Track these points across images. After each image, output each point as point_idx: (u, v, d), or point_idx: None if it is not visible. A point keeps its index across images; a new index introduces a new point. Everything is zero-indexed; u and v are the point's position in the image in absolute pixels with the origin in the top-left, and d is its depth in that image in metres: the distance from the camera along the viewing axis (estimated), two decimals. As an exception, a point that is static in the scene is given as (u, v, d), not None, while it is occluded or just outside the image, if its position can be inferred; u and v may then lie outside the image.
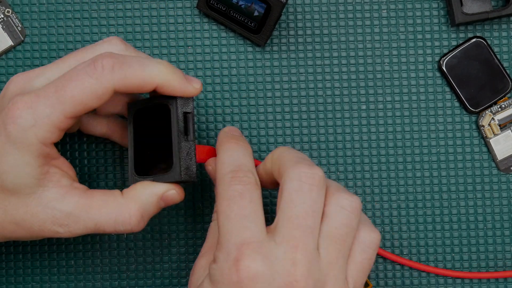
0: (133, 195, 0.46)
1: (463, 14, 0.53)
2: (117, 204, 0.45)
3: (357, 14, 0.54)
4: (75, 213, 0.45)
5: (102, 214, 0.45)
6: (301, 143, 0.54)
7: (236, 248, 0.42)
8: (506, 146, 0.54)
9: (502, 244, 0.54)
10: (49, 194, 0.45)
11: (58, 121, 0.43)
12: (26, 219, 0.45)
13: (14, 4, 0.54)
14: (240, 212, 0.43)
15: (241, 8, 0.52)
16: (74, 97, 0.43)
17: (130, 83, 0.44)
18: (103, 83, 0.44)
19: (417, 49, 0.54)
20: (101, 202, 0.45)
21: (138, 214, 0.46)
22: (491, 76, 0.54)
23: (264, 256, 0.42)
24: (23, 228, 0.45)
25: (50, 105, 0.43)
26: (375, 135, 0.54)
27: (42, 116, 0.43)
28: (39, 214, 0.45)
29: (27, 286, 0.54)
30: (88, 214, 0.45)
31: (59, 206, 0.45)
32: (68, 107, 0.43)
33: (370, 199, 0.54)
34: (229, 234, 0.42)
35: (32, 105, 0.43)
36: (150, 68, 0.45)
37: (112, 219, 0.45)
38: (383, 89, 0.54)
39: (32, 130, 0.43)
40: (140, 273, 0.54)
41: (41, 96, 0.43)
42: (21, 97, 0.44)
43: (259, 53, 0.54)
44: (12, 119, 0.43)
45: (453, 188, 0.54)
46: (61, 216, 0.45)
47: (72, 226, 0.45)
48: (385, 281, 0.54)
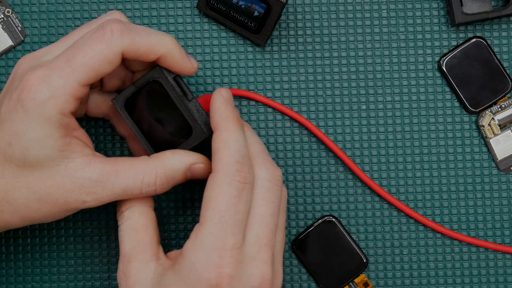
0: (162, 159, 0.46)
1: (463, 14, 0.53)
2: (144, 166, 0.46)
3: (357, 14, 0.54)
4: (103, 178, 0.45)
5: (130, 176, 0.45)
6: (301, 143, 0.54)
7: (219, 255, 0.43)
8: (506, 146, 0.54)
9: (502, 244, 0.54)
10: (74, 165, 0.45)
11: (73, 90, 0.44)
12: (52, 192, 0.44)
13: (14, 4, 0.54)
14: (233, 217, 0.43)
15: (241, 8, 0.52)
16: (86, 64, 0.44)
17: (138, 49, 0.45)
18: (113, 48, 0.44)
19: (417, 49, 0.54)
20: (128, 166, 0.45)
21: (164, 176, 0.46)
22: (491, 76, 0.54)
23: (240, 261, 0.43)
24: (48, 203, 0.45)
25: (63, 75, 0.44)
26: (375, 135, 0.54)
27: (57, 86, 0.44)
28: (65, 184, 0.44)
29: (27, 286, 0.54)
30: (117, 178, 0.45)
31: (85, 174, 0.45)
32: (81, 74, 0.44)
33: (370, 199, 0.54)
34: (216, 236, 0.43)
35: (46, 78, 0.44)
36: (157, 38, 0.46)
37: (140, 180, 0.45)
38: (383, 89, 0.54)
39: (50, 102, 0.43)
40: (140, 273, 0.54)
41: (53, 68, 0.44)
42: (32, 72, 0.44)
43: (259, 53, 0.54)
44: (29, 94, 0.43)
45: (453, 188, 0.54)
46: (89, 184, 0.45)
47: (100, 192, 0.45)
48: (385, 281, 0.54)
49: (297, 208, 0.54)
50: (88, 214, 0.54)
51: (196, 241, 0.43)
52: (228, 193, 0.43)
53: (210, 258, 0.43)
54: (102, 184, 0.45)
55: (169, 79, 0.47)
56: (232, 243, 0.43)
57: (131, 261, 0.45)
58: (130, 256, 0.46)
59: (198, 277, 0.43)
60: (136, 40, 0.45)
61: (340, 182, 0.54)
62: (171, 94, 0.47)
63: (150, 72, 0.47)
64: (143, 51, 0.45)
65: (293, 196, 0.54)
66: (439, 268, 0.54)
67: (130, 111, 0.48)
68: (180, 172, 0.46)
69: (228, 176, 0.44)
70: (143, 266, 0.45)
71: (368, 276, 0.54)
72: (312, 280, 0.54)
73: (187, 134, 0.47)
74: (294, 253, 0.54)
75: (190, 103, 0.47)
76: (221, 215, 0.43)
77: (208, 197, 0.44)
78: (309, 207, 0.54)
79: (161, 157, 0.46)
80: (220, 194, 0.43)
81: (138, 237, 0.46)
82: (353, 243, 0.53)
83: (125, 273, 0.45)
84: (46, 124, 0.44)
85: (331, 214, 0.54)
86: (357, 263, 0.53)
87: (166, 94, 0.47)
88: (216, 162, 0.44)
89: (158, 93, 0.47)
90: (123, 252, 0.46)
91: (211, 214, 0.43)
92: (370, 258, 0.54)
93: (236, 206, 0.43)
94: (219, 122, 0.45)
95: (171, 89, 0.47)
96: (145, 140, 0.48)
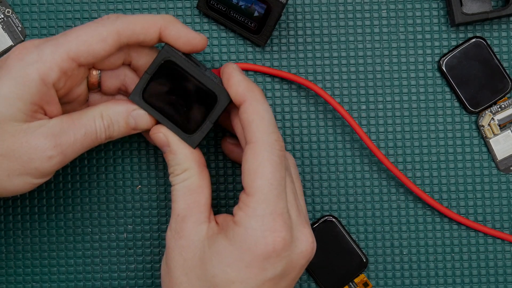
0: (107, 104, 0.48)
1: (463, 14, 0.53)
2: (93, 110, 0.47)
3: (357, 14, 0.54)
4: (64, 129, 0.45)
5: (85, 122, 0.46)
6: (301, 143, 0.54)
7: (273, 219, 0.44)
8: (506, 146, 0.54)
9: (502, 244, 0.54)
10: (36, 123, 0.45)
11: (61, 60, 0.45)
12: (15, 148, 0.44)
13: (14, 4, 0.54)
14: (281, 182, 0.45)
15: (241, 9, 0.52)
16: (79, 37, 0.45)
17: (135, 26, 0.46)
18: (107, 26, 0.45)
19: (417, 49, 0.54)
20: (81, 113, 0.47)
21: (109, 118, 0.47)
22: (491, 76, 0.54)
23: (289, 225, 0.45)
24: (10, 159, 0.44)
25: (55, 44, 0.45)
26: (375, 135, 0.54)
27: (46, 53, 0.44)
28: (29, 141, 0.45)
29: (27, 286, 0.54)
30: (75, 125, 0.46)
31: (48, 129, 0.45)
32: (72, 45, 0.45)
33: (370, 199, 0.54)
34: (268, 203, 0.44)
35: (39, 45, 0.45)
36: (153, 15, 0.47)
37: (93, 123, 0.46)
38: (383, 89, 0.54)
39: (35, 65, 0.44)
40: (140, 273, 0.54)
41: (49, 39, 0.45)
42: (30, 40, 0.45)
43: (259, 53, 0.54)
44: (18, 55, 0.44)
45: (453, 188, 0.54)
46: (52, 138, 0.45)
47: (64, 143, 0.45)
48: (385, 281, 0.54)
49: (297, 208, 0.54)
50: (88, 214, 0.54)
51: (248, 210, 0.44)
52: (272, 161, 0.44)
53: (265, 224, 0.44)
54: (64, 134, 0.45)
55: (179, 54, 0.47)
56: (282, 207, 0.44)
57: (185, 220, 0.46)
58: (184, 215, 0.46)
59: (255, 243, 0.44)
60: (131, 19, 0.46)
61: (340, 182, 0.54)
62: (187, 68, 0.47)
63: (159, 55, 0.47)
64: (140, 27, 0.46)
65: (293, 196, 0.54)
66: (439, 268, 0.54)
67: (149, 102, 0.48)
68: (122, 115, 0.47)
69: (269, 145, 0.45)
70: (196, 226, 0.46)
71: (368, 276, 0.54)
72: (312, 280, 0.54)
73: (211, 104, 0.47)
74: (294, 253, 0.54)
75: (207, 71, 0.47)
76: (270, 183, 0.44)
77: (253, 167, 0.45)
78: (309, 207, 0.54)
79: (107, 102, 0.48)
80: (265, 163, 0.44)
81: (193, 197, 0.47)
82: (353, 243, 0.53)
83: (178, 232, 0.46)
84: (22, 86, 0.44)
85: (331, 214, 0.54)
86: (357, 263, 0.53)
87: (180, 71, 0.47)
88: (253, 133, 0.45)
89: (172, 73, 0.47)
90: (176, 210, 0.46)
91: (260, 184, 0.44)
92: (370, 258, 0.54)
93: (281, 172, 0.45)
94: (246, 94, 0.46)
95: (185, 63, 0.47)
96: (173, 126, 0.48)
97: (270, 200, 0.44)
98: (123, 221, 0.54)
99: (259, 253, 0.44)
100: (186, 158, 0.47)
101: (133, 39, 0.46)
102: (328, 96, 0.52)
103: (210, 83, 0.47)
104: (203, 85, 0.47)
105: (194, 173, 0.47)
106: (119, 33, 0.45)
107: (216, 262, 0.44)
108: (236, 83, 0.46)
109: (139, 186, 0.54)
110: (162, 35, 0.47)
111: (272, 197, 0.44)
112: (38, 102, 0.45)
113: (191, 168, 0.47)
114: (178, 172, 0.47)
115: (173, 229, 0.46)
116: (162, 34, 0.47)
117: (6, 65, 0.44)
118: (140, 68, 0.49)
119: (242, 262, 0.44)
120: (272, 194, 0.44)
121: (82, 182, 0.54)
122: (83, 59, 0.45)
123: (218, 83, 0.47)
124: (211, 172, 0.54)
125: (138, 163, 0.54)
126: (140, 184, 0.54)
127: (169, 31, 0.47)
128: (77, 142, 0.46)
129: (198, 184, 0.47)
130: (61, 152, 0.45)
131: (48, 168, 0.45)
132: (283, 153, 0.45)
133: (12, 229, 0.54)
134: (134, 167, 0.54)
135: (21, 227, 0.54)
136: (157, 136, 0.48)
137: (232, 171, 0.54)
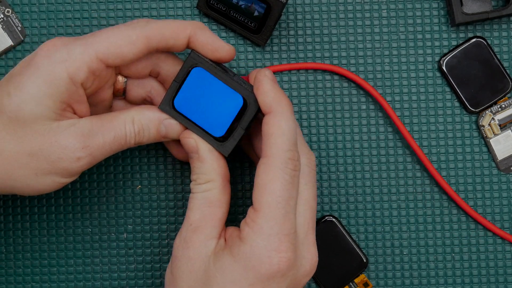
0: (139, 108, 0.47)
1: (463, 14, 0.53)
2: (124, 114, 0.46)
3: (357, 14, 0.54)
4: (93, 131, 0.45)
5: (115, 125, 0.46)
6: (301, 143, 0.54)
7: (279, 239, 0.43)
8: (506, 146, 0.54)
9: (502, 244, 0.54)
10: (66, 122, 0.45)
11: (90, 60, 0.45)
12: (44, 148, 0.44)
13: (14, 4, 0.54)
14: (289, 202, 0.44)
15: (241, 8, 0.52)
16: (109, 38, 0.45)
17: (164, 30, 0.46)
18: (136, 30, 0.45)
19: (417, 49, 0.54)
20: (111, 116, 0.46)
21: (140, 124, 0.47)
22: (491, 76, 0.54)
23: (295, 245, 0.44)
24: (39, 158, 0.44)
25: (84, 44, 0.45)
26: (375, 135, 0.54)
27: (76, 52, 0.44)
28: (59, 141, 0.44)
29: (27, 286, 0.54)
30: (105, 128, 0.46)
31: (77, 129, 0.45)
32: (102, 46, 0.45)
33: (370, 199, 0.54)
34: (274, 221, 0.44)
35: (68, 43, 0.45)
36: (183, 20, 0.47)
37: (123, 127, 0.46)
38: (383, 89, 0.54)
39: (64, 64, 0.44)
40: (139, 273, 0.54)
41: (78, 38, 0.45)
42: (59, 37, 0.45)
43: (259, 53, 0.54)
44: (47, 53, 0.44)
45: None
46: (81, 138, 0.45)
47: (93, 145, 0.45)
48: (385, 281, 0.54)
49: (297, 208, 0.54)
50: (88, 214, 0.54)
51: (254, 226, 0.44)
52: (282, 180, 0.44)
53: (270, 243, 0.43)
54: (94, 136, 0.45)
55: (207, 60, 0.47)
56: (289, 228, 0.44)
57: (197, 231, 0.45)
58: (197, 226, 0.46)
59: (260, 262, 0.43)
60: (161, 24, 0.46)
61: (340, 182, 0.54)
62: (215, 74, 0.46)
63: (186, 62, 0.47)
64: (170, 32, 0.46)
65: (293, 196, 0.54)
66: (439, 268, 0.54)
67: (179, 110, 0.47)
68: (154, 122, 0.47)
69: (282, 163, 0.44)
70: (207, 240, 0.45)
71: (368, 276, 0.54)
72: (312, 280, 0.54)
73: (242, 109, 0.47)
74: (294, 253, 0.54)
75: (235, 77, 0.47)
76: (277, 201, 0.44)
77: (263, 183, 0.44)
78: (309, 207, 0.54)
79: (138, 107, 0.47)
80: (275, 180, 0.44)
81: (211, 210, 0.46)
82: (353, 243, 0.53)
83: (187, 242, 0.45)
84: (52, 84, 0.44)
85: (331, 214, 0.54)
86: (357, 263, 0.53)
87: (208, 78, 0.47)
88: (269, 147, 0.44)
89: (200, 80, 0.47)
90: (191, 219, 0.46)
91: (268, 200, 0.44)
92: (370, 258, 0.54)
93: (290, 192, 0.44)
94: (272, 105, 0.45)
95: (213, 70, 0.46)
96: (205, 134, 0.47)
97: (277, 219, 0.44)
98: (123, 221, 0.54)
99: (263, 272, 0.43)
100: (213, 169, 0.46)
101: (162, 44, 0.46)
102: (368, 86, 0.52)
103: (239, 88, 0.46)
104: (230, 93, 0.46)
105: (217, 186, 0.46)
106: (148, 37, 0.45)
107: (220, 278, 0.44)
108: (264, 93, 0.45)
109: (139, 186, 0.54)
110: (190, 41, 0.46)
111: (279, 216, 0.44)
112: (67, 101, 0.45)
113: (215, 180, 0.46)
114: (201, 181, 0.46)
115: (183, 237, 0.46)
116: (190, 40, 0.46)
117: (34, 63, 0.44)
118: (167, 79, 0.49)
119: (246, 280, 0.43)
120: (280, 213, 0.44)
121: (82, 182, 0.54)
122: (111, 60, 0.45)
123: (248, 89, 0.46)
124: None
125: (138, 163, 0.54)
126: (140, 184, 0.54)
127: (197, 37, 0.46)
128: (106, 145, 0.46)
129: (218, 198, 0.46)
130: (90, 154, 0.45)
131: (76, 169, 0.45)
132: (297, 173, 0.45)
133: (12, 229, 0.54)
134: (134, 167, 0.54)
135: (21, 227, 0.54)
136: (188, 141, 0.47)
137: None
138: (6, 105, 0.44)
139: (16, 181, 0.45)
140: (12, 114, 0.44)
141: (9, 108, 0.44)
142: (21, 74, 0.44)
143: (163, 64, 0.48)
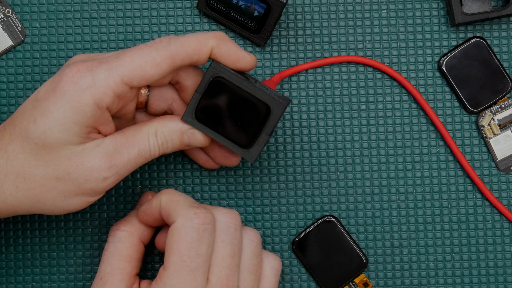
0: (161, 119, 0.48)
1: (463, 14, 0.53)
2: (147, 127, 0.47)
3: (357, 14, 0.54)
4: (118, 149, 0.45)
5: (139, 139, 0.46)
6: (301, 143, 0.54)
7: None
8: (506, 146, 0.54)
9: (502, 244, 0.54)
10: (90, 144, 0.45)
11: (115, 85, 0.44)
12: (71, 171, 0.45)
13: (14, 4, 0.54)
14: (195, 260, 0.44)
15: (241, 8, 0.52)
16: (133, 61, 0.45)
17: (188, 46, 0.45)
18: (160, 51, 0.45)
19: (417, 49, 0.54)
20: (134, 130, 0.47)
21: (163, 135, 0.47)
22: (491, 76, 0.54)
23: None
24: (66, 182, 0.45)
25: (109, 68, 0.44)
26: (375, 135, 0.54)
27: (101, 78, 0.44)
28: (84, 163, 0.45)
29: (27, 286, 0.54)
30: (129, 144, 0.46)
31: (102, 150, 0.45)
32: (126, 70, 0.45)
33: (370, 199, 0.54)
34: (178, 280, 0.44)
35: (93, 68, 0.45)
36: (204, 33, 0.47)
37: (147, 140, 0.46)
38: (383, 89, 0.54)
39: (89, 90, 0.44)
40: (139, 272, 0.54)
41: (102, 62, 0.45)
42: (83, 62, 0.45)
43: (259, 53, 0.54)
44: (72, 79, 0.44)
45: (453, 188, 0.54)
46: (107, 158, 0.45)
47: (118, 163, 0.45)
48: (385, 281, 0.54)
49: (297, 208, 0.54)
50: (88, 214, 0.54)
51: (160, 284, 0.45)
52: (188, 237, 0.45)
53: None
54: (118, 154, 0.45)
55: (227, 69, 0.47)
56: (193, 286, 0.44)
57: (105, 285, 0.47)
58: (106, 280, 0.47)
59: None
60: (183, 41, 0.45)
61: (340, 182, 0.54)
62: (237, 82, 0.46)
63: (207, 72, 0.47)
64: (193, 48, 0.46)
65: (293, 196, 0.54)
66: (439, 268, 0.54)
67: (202, 120, 0.48)
68: (177, 133, 0.47)
69: (187, 219, 0.45)
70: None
71: (368, 276, 0.54)
72: (312, 280, 0.54)
73: (265, 116, 0.47)
74: (294, 253, 0.54)
75: (257, 83, 0.47)
76: (182, 259, 0.44)
77: (170, 243, 0.45)
78: (309, 207, 0.54)
79: (160, 118, 0.47)
80: (181, 239, 0.45)
81: (120, 264, 0.47)
82: (353, 243, 0.54)
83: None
84: (77, 111, 0.44)
85: (331, 214, 0.54)
86: (357, 263, 0.53)
87: (230, 86, 0.47)
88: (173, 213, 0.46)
89: (222, 89, 0.47)
90: (101, 273, 0.47)
91: (173, 259, 0.44)
92: (370, 258, 0.54)
93: (197, 250, 0.45)
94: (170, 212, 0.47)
95: (235, 78, 0.46)
96: (229, 142, 0.47)
97: (181, 277, 0.44)
98: (123, 221, 0.54)
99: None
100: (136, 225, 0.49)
101: (187, 61, 0.46)
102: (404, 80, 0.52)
103: (261, 94, 0.46)
104: (255, 97, 0.47)
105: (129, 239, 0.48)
106: (172, 57, 0.45)
107: None
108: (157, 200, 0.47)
109: (139, 186, 0.54)
110: (212, 53, 0.46)
111: (185, 274, 0.44)
112: (92, 124, 0.45)
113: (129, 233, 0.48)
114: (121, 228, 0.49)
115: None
116: (212, 52, 0.46)
117: (59, 89, 0.44)
118: (188, 88, 0.49)
119: None
120: (185, 271, 0.44)
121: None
122: (136, 83, 0.45)
123: (270, 94, 0.46)
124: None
125: (138, 163, 0.54)
126: (140, 184, 0.54)
127: (219, 49, 0.46)
128: (131, 161, 0.46)
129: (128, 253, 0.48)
130: (116, 172, 0.45)
131: (103, 188, 0.46)
132: (206, 226, 0.45)
133: (12, 229, 0.54)
134: (134, 167, 0.54)
135: (21, 227, 0.54)
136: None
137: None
138: (32, 131, 0.44)
139: (46, 204, 0.46)
140: (38, 140, 0.44)
141: (35, 134, 0.44)
142: (47, 100, 0.44)
143: (183, 73, 0.48)
